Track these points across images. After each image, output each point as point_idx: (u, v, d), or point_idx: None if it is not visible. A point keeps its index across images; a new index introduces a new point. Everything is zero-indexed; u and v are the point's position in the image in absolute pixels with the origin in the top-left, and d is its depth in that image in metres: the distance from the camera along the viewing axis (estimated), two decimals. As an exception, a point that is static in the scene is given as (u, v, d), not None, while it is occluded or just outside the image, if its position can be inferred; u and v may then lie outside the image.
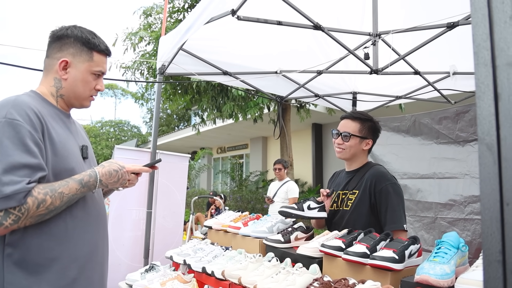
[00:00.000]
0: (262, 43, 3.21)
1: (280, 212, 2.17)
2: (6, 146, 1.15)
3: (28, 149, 1.18)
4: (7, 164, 1.14)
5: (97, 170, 1.35)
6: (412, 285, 1.34)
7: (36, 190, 1.17)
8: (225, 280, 2.01)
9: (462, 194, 3.55)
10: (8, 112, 1.20)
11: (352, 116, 2.25)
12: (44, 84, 1.43)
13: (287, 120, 9.06)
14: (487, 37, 0.67)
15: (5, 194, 1.10)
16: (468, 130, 3.51)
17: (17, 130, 1.18)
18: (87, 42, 1.42)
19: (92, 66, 1.43)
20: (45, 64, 1.45)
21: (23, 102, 1.26)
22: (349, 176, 2.30)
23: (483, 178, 0.67)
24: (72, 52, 1.40)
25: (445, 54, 3.17)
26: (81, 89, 1.43)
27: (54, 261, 1.26)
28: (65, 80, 1.41)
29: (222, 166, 20.09)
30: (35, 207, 1.16)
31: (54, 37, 1.43)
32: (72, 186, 1.26)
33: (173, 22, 8.89)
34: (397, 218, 2.07)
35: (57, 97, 1.43)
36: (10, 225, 1.13)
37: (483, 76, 0.68)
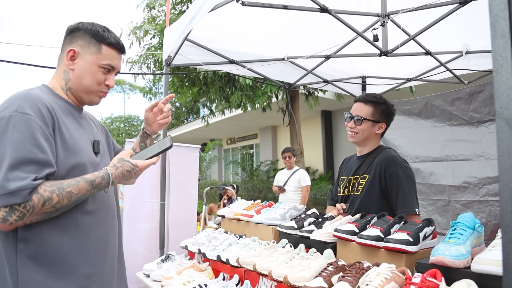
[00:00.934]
0: (268, 30, 3.18)
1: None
2: (15, 140, 1.13)
3: (37, 144, 1.15)
4: (15, 159, 1.11)
5: (110, 172, 1.32)
6: (428, 266, 1.33)
7: (42, 188, 1.15)
8: (240, 267, 2.02)
9: (477, 176, 3.50)
10: (20, 106, 1.18)
11: (365, 99, 2.20)
12: (55, 78, 1.42)
13: (296, 108, 9.01)
14: (505, 6, 0.65)
15: (9, 190, 1.08)
16: (482, 110, 3.44)
17: (28, 124, 1.16)
18: (96, 34, 1.39)
19: (100, 59, 1.40)
20: (58, 58, 1.44)
21: (35, 96, 1.24)
22: (360, 161, 2.27)
23: (501, 153, 0.65)
24: (80, 44, 1.39)
25: (458, 32, 3.09)
26: (88, 81, 1.39)
27: (66, 256, 1.25)
28: (73, 71, 1.39)
29: (232, 156, 20.14)
30: (40, 205, 1.14)
31: (67, 31, 1.43)
32: (82, 186, 1.23)
33: (177, 14, 8.86)
34: (409, 202, 2.04)
35: (67, 91, 1.41)
36: (14, 221, 1.11)
37: (501, 48, 0.66)
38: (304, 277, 1.58)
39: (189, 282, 2.09)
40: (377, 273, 1.32)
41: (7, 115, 1.16)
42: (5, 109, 1.18)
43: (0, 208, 1.09)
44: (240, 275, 2.03)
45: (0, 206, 1.09)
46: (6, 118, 1.16)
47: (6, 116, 1.16)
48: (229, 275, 2.12)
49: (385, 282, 1.28)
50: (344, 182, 2.33)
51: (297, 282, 1.57)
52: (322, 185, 11.94)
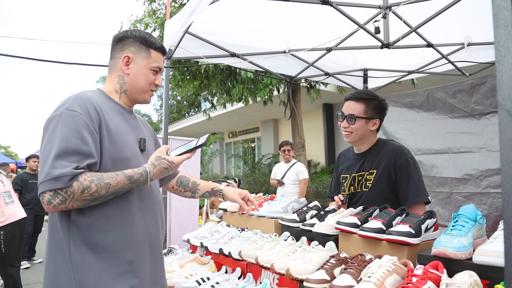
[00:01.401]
0: (269, 22, 3.16)
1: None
2: (62, 133, 1.28)
3: (81, 137, 1.29)
4: (61, 149, 1.25)
5: (149, 170, 1.41)
6: (430, 258, 1.33)
7: (83, 176, 1.27)
8: (242, 260, 2.03)
9: (478, 168, 3.50)
10: (70, 105, 1.34)
11: (356, 97, 2.15)
12: (109, 83, 1.57)
13: (298, 101, 8.99)
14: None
15: (53, 176, 1.22)
16: (484, 102, 3.43)
17: (74, 119, 1.31)
18: (145, 40, 1.54)
19: (151, 62, 1.55)
20: (109, 65, 1.59)
21: (84, 96, 1.39)
22: (362, 158, 2.24)
23: (503, 145, 0.65)
24: (132, 50, 1.53)
25: (459, 24, 3.07)
26: (142, 83, 1.55)
27: (111, 242, 1.36)
28: (128, 75, 1.54)
29: (234, 150, 20.15)
30: (80, 192, 1.25)
31: (116, 40, 1.57)
32: (120, 180, 1.33)
33: (177, 7, 8.81)
34: (421, 191, 2.05)
35: (121, 93, 1.56)
36: (58, 204, 1.24)
37: (503, 38, 0.65)
38: (306, 270, 1.59)
39: (191, 276, 2.11)
40: (379, 265, 1.33)
41: (59, 113, 1.32)
42: (59, 108, 1.35)
43: (46, 192, 1.24)
44: (242, 268, 2.04)
45: (46, 190, 1.23)
46: (58, 115, 1.32)
47: (58, 114, 1.32)
48: (232, 268, 2.14)
49: (387, 274, 1.28)
50: (348, 180, 2.29)
51: (300, 275, 1.58)
52: (323, 178, 11.96)
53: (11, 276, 4.26)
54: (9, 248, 4.23)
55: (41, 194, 1.25)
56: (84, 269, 1.31)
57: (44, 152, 1.28)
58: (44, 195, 1.24)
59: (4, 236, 4.21)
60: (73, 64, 2.87)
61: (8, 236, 4.24)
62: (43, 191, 1.24)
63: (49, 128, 1.32)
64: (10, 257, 4.27)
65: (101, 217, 1.36)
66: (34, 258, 6.81)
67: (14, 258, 4.33)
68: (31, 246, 6.76)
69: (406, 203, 2.00)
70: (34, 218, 6.60)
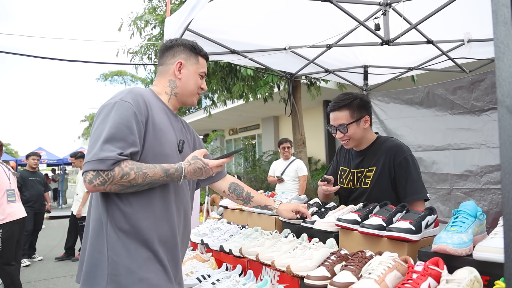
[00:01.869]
0: (270, 19, 3.16)
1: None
2: (113, 120, 1.38)
3: (129, 126, 1.39)
4: (110, 134, 1.35)
5: (184, 167, 1.50)
6: (430, 255, 1.34)
7: (124, 163, 1.36)
8: (243, 257, 2.04)
9: (478, 164, 3.50)
10: (124, 96, 1.46)
11: (337, 106, 2.15)
12: (159, 85, 1.69)
13: (298, 98, 8.98)
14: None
15: (99, 157, 1.32)
16: (484, 99, 3.42)
17: (126, 109, 1.41)
18: (194, 48, 1.70)
19: (199, 68, 1.71)
20: (159, 70, 1.71)
21: (137, 91, 1.52)
22: (362, 154, 2.26)
23: (503, 141, 0.65)
24: (184, 57, 1.68)
25: (459, 21, 3.06)
26: (192, 86, 1.69)
27: (141, 231, 1.44)
28: (180, 80, 1.67)
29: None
30: (119, 177, 1.34)
31: (166, 48, 1.71)
32: (157, 171, 1.42)
33: (177, 4, 8.78)
34: (420, 188, 2.06)
35: (171, 95, 1.68)
36: (98, 185, 1.33)
37: (503, 35, 0.65)
38: (307, 267, 1.59)
39: (192, 273, 2.12)
40: (379, 261, 1.33)
41: (113, 102, 1.44)
42: (113, 98, 1.47)
43: (89, 171, 1.33)
44: (243, 265, 2.05)
45: (89, 169, 1.33)
46: (112, 104, 1.43)
47: (112, 103, 1.44)
48: (232, 265, 2.14)
49: (387, 271, 1.29)
50: (347, 174, 2.31)
51: (300, 272, 1.59)
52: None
53: (9, 274, 4.27)
54: (6, 247, 4.24)
55: (85, 173, 1.34)
56: (118, 249, 1.40)
57: (94, 135, 1.38)
58: (87, 174, 1.33)
59: (2, 234, 4.22)
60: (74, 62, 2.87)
61: (6, 235, 4.25)
62: (87, 170, 1.33)
63: (101, 114, 1.43)
64: (8, 255, 4.27)
65: (140, 208, 1.45)
66: (35, 256, 6.84)
67: (11, 257, 4.33)
68: (31, 243, 6.78)
69: (405, 201, 2.01)
70: (34, 216, 6.62)
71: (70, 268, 6.17)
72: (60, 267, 6.31)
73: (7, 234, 4.27)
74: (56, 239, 6.93)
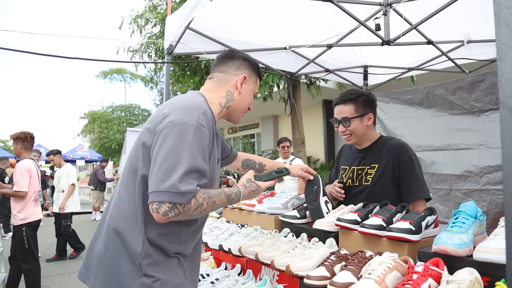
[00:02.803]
0: (270, 19, 3.15)
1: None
2: (192, 148, 1.28)
3: (204, 156, 1.32)
4: (190, 166, 1.26)
5: (242, 190, 1.50)
6: (430, 255, 1.34)
7: (198, 194, 1.30)
8: (242, 256, 2.04)
9: (478, 164, 3.51)
10: (200, 118, 1.34)
11: (343, 100, 2.16)
12: (214, 94, 1.59)
13: (298, 98, 8.98)
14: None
15: (180, 190, 1.22)
16: (483, 99, 3.43)
17: (203, 137, 1.32)
18: (257, 68, 1.68)
19: (255, 88, 1.68)
20: (219, 78, 1.62)
21: (208, 112, 1.41)
22: (363, 152, 2.26)
23: (505, 143, 0.65)
24: (248, 72, 1.63)
25: (459, 22, 3.07)
26: (246, 103, 1.65)
27: (177, 247, 1.42)
28: (239, 94, 1.61)
29: (234, 146, 20.04)
30: (194, 208, 1.28)
31: (229, 56, 1.66)
32: (222, 199, 1.40)
33: (178, 2, 8.77)
34: (423, 187, 2.08)
35: (224, 107, 1.60)
36: (172, 217, 1.25)
37: (505, 36, 0.65)
38: (306, 266, 1.59)
39: (192, 271, 2.11)
40: (379, 262, 1.33)
41: (189, 123, 1.31)
42: (187, 115, 1.33)
43: (165, 203, 1.22)
44: (242, 264, 2.05)
45: (166, 201, 1.22)
46: (188, 125, 1.30)
47: (188, 124, 1.30)
48: (231, 265, 2.14)
49: (387, 271, 1.29)
50: (347, 172, 2.32)
51: (300, 272, 1.59)
52: (323, 174, 11.96)
53: (32, 272, 4.36)
54: (31, 244, 4.38)
55: (158, 203, 1.23)
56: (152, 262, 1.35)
57: (169, 159, 1.25)
58: (162, 206, 1.22)
59: (26, 232, 4.35)
60: (74, 59, 2.86)
61: (30, 233, 4.40)
62: (162, 201, 1.22)
63: (174, 134, 1.29)
64: (33, 253, 4.40)
65: (173, 231, 1.40)
66: None
67: (36, 255, 4.46)
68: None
69: (408, 199, 2.03)
70: None
71: (68, 266, 6.17)
72: (58, 264, 6.30)
73: (30, 233, 4.40)
74: (53, 236, 6.91)
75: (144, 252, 1.33)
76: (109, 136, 24.67)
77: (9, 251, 4.52)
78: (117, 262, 1.35)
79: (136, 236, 1.34)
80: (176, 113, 1.33)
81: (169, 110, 1.36)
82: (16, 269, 4.40)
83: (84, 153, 17.63)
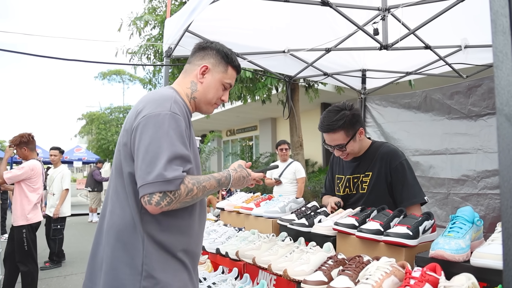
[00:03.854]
0: (269, 22, 3.16)
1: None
2: (171, 137, 1.31)
3: (184, 142, 1.34)
4: (171, 153, 1.28)
5: (232, 174, 1.52)
6: (427, 260, 1.34)
7: (187, 179, 1.32)
8: (239, 260, 2.03)
9: (475, 169, 3.51)
10: (172, 107, 1.37)
11: (331, 129, 2.09)
12: (181, 85, 1.60)
13: (296, 101, 8.99)
14: (506, 3, 0.65)
15: (167, 178, 1.25)
16: (480, 104, 3.44)
17: (178, 124, 1.35)
18: (226, 56, 1.60)
19: (225, 78, 1.61)
20: (185, 68, 1.63)
21: (179, 101, 1.44)
22: (356, 160, 2.26)
23: (501, 149, 0.65)
24: (212, 62, 1.58)
25: (457, 27, 3.08)
26: (211, 95, 1.60)
27: (177, 244, 1.41)
28: (201, 84, 1.58)
29: (232, 148, 20.14)
30: (185, 194, 1.31)
31: (199, 47, 1.63)
32: (212, 183, 1.42)
33: (177, 5, 8.79)
34: (416, 192, 2.07)
35: (191, 99, 1.59)
36: (164, 206, 1.27)
37: (502, 44, 0.66)
38: (303, 271, 1.59)
39: (189, 275, 2.10)
40: (377, 267, 1.33)
41: (163, 113, 1.34)
42: (159, 107, 1.36)
43: (155, 193, 1.25)
44: (239, 268, 2.05)
45: (156, 191, 1.25)
46: (162, 116, 1.33)
47: (162, 114, 1.34)
48: (229, 269, 2.14)
49: (385, 276, 1.29)
50: (343, 181, 2.32)
51: (297, 276, 1.59)
52: (321, 177, 11.96)
53: (30, 274, 4.35)
54: (31, 246, 4.37)
55: (149, 195, 1.25)
56: (155, 263, 1.34)
57: (150, 152, 1.29)
58: (153, 196, 1.25)
59: (26, 234, 4.35)
60: (72, 61, 2.86)
61: (30, 235, 4.39)
62: (153, 192, 1.25)
63: (150, 126, 1.32)
64: (32, 255, 4.40)
65: (173, 220, 1.40)
66: None
67: (35, 257, 4.46)
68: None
69: (402, 205, 2.02)
70: None
71: (63, 269, 6.13)
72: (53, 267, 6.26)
73: (30, 234, 4.40)
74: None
75: (145, 250, 1.34)
76: (107, 138, 24.58)
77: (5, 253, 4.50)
78: (118, 268, 1.34)
79: (135, 236, 1.35)
80: (148, 107, 1.37)
81: (142, 105, 1.40)
82: (11, 271, 4.37)
83: (82, 155, 17.56)
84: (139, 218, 1.35)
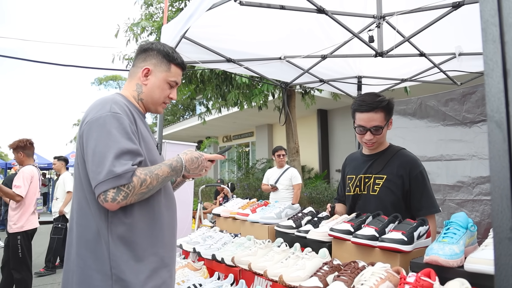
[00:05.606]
0: (265, 29, 3.18)
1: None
2: (114, 135, 1.35)
3: (130, 137, 1.39)
4: (117, 149, 1.32)
5: (182, 157, 1.55)
6: (422, 266, 1.35)
7: (138, 171, 1.36)
8: (235, 266, 2.03)
9: (470, 175, 3.54)
10: (112, 107, 1.41)
11: (373, 107, 2.02)
12: (128, 89, 1.64)
13: (292, 107, 9.03)
14: (496, 12, 0.66)
15: (116, 173, 1.29)
16: (475, 111, 3.48)
17: (120, 122, 1.39)
18: (167, 55, 1.62)
19: (169, 76, 1.62)
20: (130, 72, 1.67)
21: (120, 101, 1.48)
22: (370, 159, 2.21)
23: (492, 156, 0.66)
24: (154, 63, 1.61)
25: (451, 35, 3.12)
26: (157, 95, 1.62)
27: (147, 240, 1.44)
28: (145, 86, 1.61)
29: (228, 154, 20.14)
30: (139, 185, 1.35)
31: (141, 50, 1.65)
32: (164, 169, 1.45)
33: (174, 11, 8.84)
34: (434, 202, 2.07)
35: (138, 101, 1.63)
36: (121, 200, 1.31)
37: (492, 52, 0.67)
38: (299, 277, 1.59)
39: (183, 282, 2.10)
40: (372, 272, 1.34)
41: (103, 115, 1.39)
42: (99, 111, 1.41)
43: (109, 190, 1.29)
44: (235, 274, 2.04)
45: (109, 188, 1.29)
46: (103, 117, 1.38)
47: (103, 116, 1.38)
48: (224, 275, 2.13)
49: (380, 282, 1.29)
50: (354, 181, 2.25)
51: (293, 282, 1.59)
52: (317, 183, 11.98)
53: (24, 282, 4.31)
54: (25, 254, 4.33)
55: (104, 193, 1.30)
56: (123, 266, 1.36)
57: (97, 153, 1.33)
58: (107, 193, 1.30)
59: (21, 241, 4.31)
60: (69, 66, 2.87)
61: (25, 242, 4.36)
62: (106, 189, 1.29)
63: (94, 130, 1.37)
64: (27, 262, 4.36)
65: (139, 217, 1.43)
66: None
67: (29, 264, 4.42)
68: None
69: (420, 213, 2.00)
70: None
71: (58, 276, 6.06)
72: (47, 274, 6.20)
73: (25, 241, 4.36)
74: (44, 245, 6.78)
75: (111, 254, 1.35)
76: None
77: (2, 260, 4.47)
78: (91, 276, 1.36)
79: (100, 243, 1.37)
80: (90, 114, 1.42)
81: (85, 114, 1.46)
82: (8, 279, 4.34)
83: (77, 161, 17.46)
84: (106, 224, 1.37)
